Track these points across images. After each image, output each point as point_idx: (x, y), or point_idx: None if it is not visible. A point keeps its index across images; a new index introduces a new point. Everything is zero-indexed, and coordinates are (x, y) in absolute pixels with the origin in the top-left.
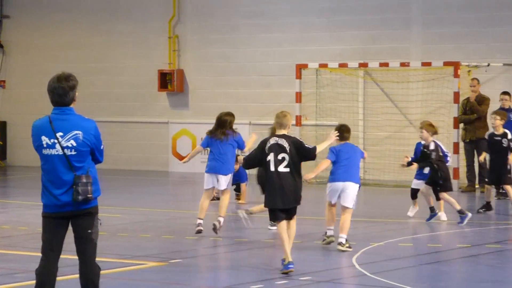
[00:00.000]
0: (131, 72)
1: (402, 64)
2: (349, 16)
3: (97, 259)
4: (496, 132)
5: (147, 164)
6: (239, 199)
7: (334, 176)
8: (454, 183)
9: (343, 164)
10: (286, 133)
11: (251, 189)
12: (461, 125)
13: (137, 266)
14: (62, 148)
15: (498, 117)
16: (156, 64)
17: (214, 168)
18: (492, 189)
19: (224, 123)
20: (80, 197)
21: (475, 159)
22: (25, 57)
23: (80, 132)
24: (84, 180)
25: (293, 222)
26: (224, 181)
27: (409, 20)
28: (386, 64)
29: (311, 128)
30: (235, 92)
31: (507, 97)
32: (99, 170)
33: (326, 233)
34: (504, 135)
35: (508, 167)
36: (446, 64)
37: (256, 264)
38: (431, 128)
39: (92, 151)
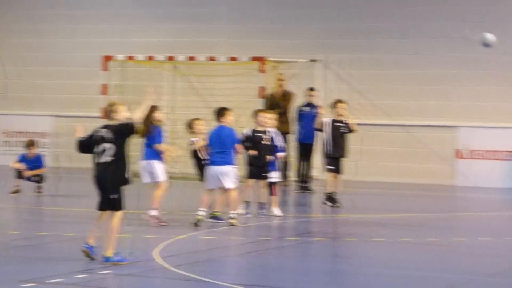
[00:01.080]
0: None
1: (210, 58)
2: (156, 8)
3: None
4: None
5: None
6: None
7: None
8: None
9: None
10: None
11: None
12: None
13: None
14: None
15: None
16: None
17: None
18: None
19: None
20: None
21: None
22: None
23: None
24: None
25: (116, 215)
26: None
27: (216, 15)
28: (193, 58)
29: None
30: (40, 83)
31: (313, 92)
32: None
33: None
34: (264, 132)
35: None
36: (253, 59)
37: (56, 258)
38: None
39: None
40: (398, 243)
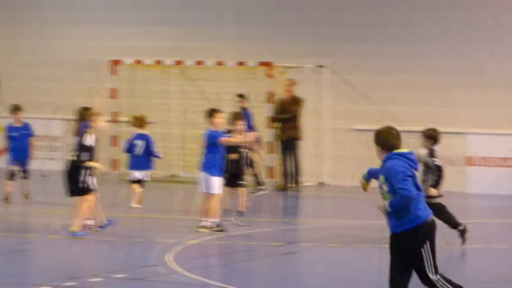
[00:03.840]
0: None
1: (218, 63)
2: (164, 12)
3: None
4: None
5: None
6: None
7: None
8: (270, 181)
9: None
10: None
11: None
12: (276, 124)
13: None
14: None
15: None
16: None
17: None
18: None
19: None
20: None
21: (290, 159)
22: None
23: None
24: None
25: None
26: None
27: (222, 19)
28: (201, 62)
29: (127, 124)
30: (47, 87)
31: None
32: None
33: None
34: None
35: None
36: (260, 64)
37: (70, 262)
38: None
39: None
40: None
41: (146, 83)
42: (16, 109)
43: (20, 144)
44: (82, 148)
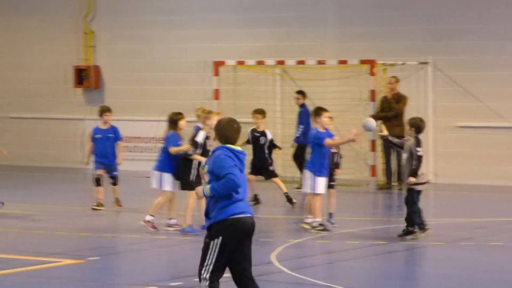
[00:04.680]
0: (46, 68)
1: (319, 62)
2: (265, 13)
3: (13, 256)
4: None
5: (60, 161)
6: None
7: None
8: (372, 180)
9: None
10: None
11: None
12: (379, 122)
13: (54, 264)
14: None
15: (260, 116)
16: (72, 60)
17: None
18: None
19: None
20: None
21: (392, 157)
22: None
23: None
24: None
25: None
26: None
27: (324, 18)
28: (302, 62)
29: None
30: (150, 89)
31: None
32: (10, 166)
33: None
34: (263, 133)
35: (270, 161)
36: (362, 62)
37: (176, 261)
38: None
39: None
40: (488, 246)
41: (248, 83)
42: (103, 110)
43: (105, 147)
44: (194, 144)
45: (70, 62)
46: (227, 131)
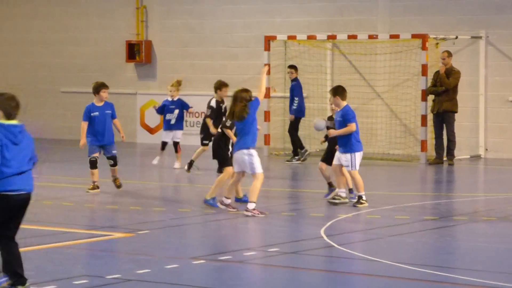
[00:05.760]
0: (98, 42)
1: (370, 37)
2: None
3: (64, 229)
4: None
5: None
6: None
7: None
8: (422, 155)
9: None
10: None
11: None
12: (431, 97)
13: (105, 237)
14: None
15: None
16: (124, 35)
17: None
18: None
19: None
20: None
21: (444, 132)
22: None
23: None
24: None
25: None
26: None
27: None
28: (354, 37)
29: (279, 100)
30: (201, 64)
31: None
32: (61, 140)
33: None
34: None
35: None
36: (414, 36)
37: (224, 236)
38: None
39: None
40: None
41: (299, 58)
42: (99, 86)
43: (103, 125)
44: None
45: (123, 36)
46: (5, 105)
